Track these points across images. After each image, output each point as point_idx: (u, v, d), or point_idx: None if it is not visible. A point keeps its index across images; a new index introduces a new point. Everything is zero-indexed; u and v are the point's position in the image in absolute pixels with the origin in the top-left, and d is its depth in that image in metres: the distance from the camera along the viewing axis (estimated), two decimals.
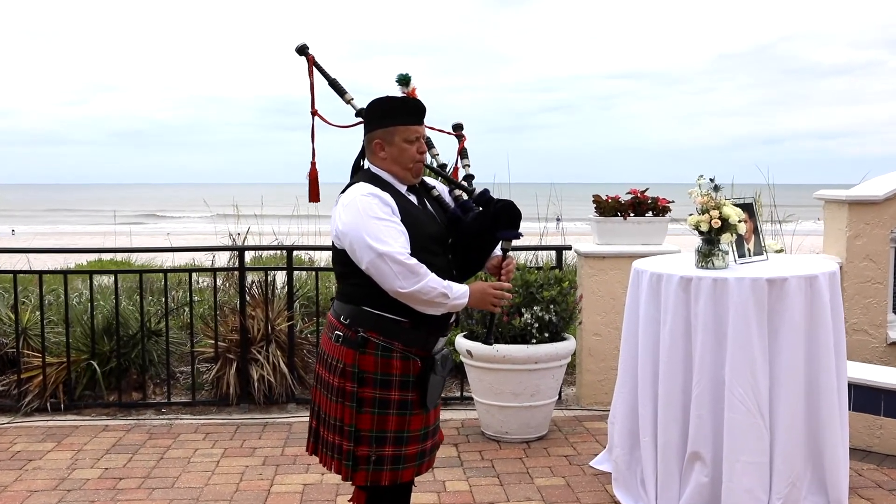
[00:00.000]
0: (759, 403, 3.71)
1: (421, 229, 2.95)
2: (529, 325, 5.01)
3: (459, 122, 3.45)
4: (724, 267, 4.00)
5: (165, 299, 6.10)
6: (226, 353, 5.94)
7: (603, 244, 5.88)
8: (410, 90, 3.19)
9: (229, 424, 5.56)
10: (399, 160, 3.00)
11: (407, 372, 2.99)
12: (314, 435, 3.15)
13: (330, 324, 3.07)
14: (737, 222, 3.98)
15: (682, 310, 3.88)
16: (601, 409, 5.73)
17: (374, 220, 2.85)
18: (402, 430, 3.01)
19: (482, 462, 4.81)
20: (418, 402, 3.02)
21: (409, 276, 2.82)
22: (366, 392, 2.96)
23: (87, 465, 4.80)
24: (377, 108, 3.02)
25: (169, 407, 5.90)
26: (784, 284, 3.74)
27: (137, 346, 6.01)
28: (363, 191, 2.92)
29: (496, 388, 5.06)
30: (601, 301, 5.82)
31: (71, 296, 6.95)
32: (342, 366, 2.98)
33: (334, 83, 3.29)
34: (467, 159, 3.41)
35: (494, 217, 3.03)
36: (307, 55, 3.28)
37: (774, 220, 8.29)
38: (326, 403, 3.05)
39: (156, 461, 4.86)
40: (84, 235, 26.25)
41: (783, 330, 3.75)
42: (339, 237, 2.93)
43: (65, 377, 5.83)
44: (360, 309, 2.97)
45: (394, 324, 2.95)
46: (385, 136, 2.99)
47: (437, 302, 2.88)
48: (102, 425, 5.55)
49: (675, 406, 3.89)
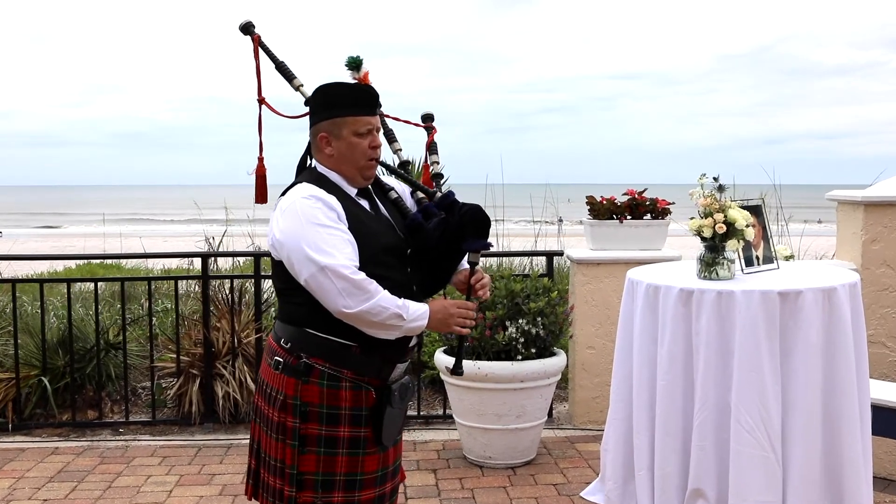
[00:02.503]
0: (770, 434, 3.24)
1: (373, 239, 2.51)
2: (514, 339, 4.55)
3: (429, 113, 3.01)
4: (729, 277, 3.54)
5: (123, 309, 5.64)
6: (189, 368, 5.49)
7: (597, 249, 5.43)
8: (363, 75, 2.75)
9: (190, 446, 5.11)
10: (348, 157, 2.56)
11: (358, 404, 2.55)
12: (254, 476, 2.70)
13: (270, 348, 2.63)
14: (744, 227, 3.52)
15: (681, 326, 3.42)
16: (596, 428, 5.26)
17: (316, 228, 2.41)
18: (353, 473, 2.57)
19: (461, 491, 4.35)
20: (373, 439, 2.58)
21: (356, 293, 2.38)
22: (310, 428, 2.52)
23: (25, 495, 4.35)
24: (322, 96, 2.58)
25: (127, 427, 5.45)
26: (798, 298, 3.28)
27: (93, 360, 5.56)
28: (304, 192, 2.48)
29: (478, 409, 4.60)
30: (595, 311, 5.36)
31: (28, 306, 6.52)
32: (282, 397, 2.54)
33: (282, 66, 2.89)
34: (437, 155, 2.97)
35: (459, 225, 2.58)
36: (252, 34, 2.86)
37: (780, 222, 7.84)
38: (266, 441, 2.62)
39: (102, 490, 4.40)
40: (65, 237, 25.78)
41: (797, 350, 3.28)
42: (276, 247, 2.50)
43: (14, 394, 5.38)
44: (302, 331, 2.53)
45: (342, 349, 2.51)
46: (331, 128, 2.55)
47: (390, 324, 2.44)
48: (52, 448, 5.09)
49: (673, 436, 3.43)
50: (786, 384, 3.29)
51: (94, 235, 15.46)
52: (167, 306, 7.00)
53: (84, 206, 54.93)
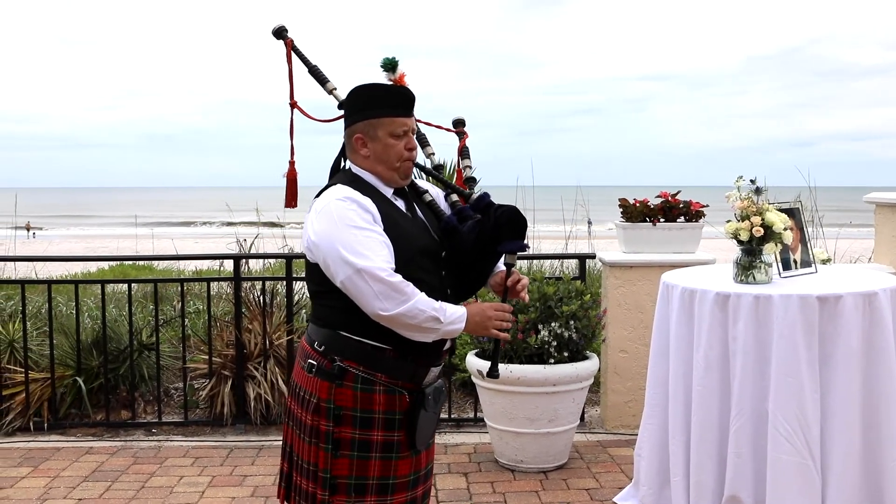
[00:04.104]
0: (809, 441, 3.19)
1: (408, 241, 2.50)
2: (547, 343, 4.52)
3: (461, 118, 2.98)
4: (766, 281, 3.49)
5: (156, 311, 5.68)
6: (220, 370, 5.51)
7: (630, 252, 5.38)
8: (398, 77, 2.73)
9: (222, 447, 5.12)
10: (384, 158, 2.55)
11: (392, 408, 2.53)
12: (286, 480, 2.70)
13: (303, 351, 2.62)
14: (782, 230, 3.47)
15: (718, 331, 3.38)
16: (628, 433, 5.22)
17: (352, 230, 2.40)
18: (386, 476, 2.55)
19: (493, 495, 4.33)
20: (406, 443, 2.56)
21: (393, 296, 2.36)
22: (343, 432, 2.51)
23: (60, 494, 4.38)
24: (358, 98, 2.57)
25: (159, 427, 5.48)
26: (838, 303, 3.23)
27: (127, 361, 5.60)
28: (339, 194, 2.47)
29: (510, 413, 4.57)
30: (628, 314, 5.31)
31: (63, 307, 6.59)
32: (316, 401, 2.53)
33: (315, 70, 2.88)
34: (468, 159, 2.95)
35: (495, 226, 2.56)
36: (285, 38, 2.86)
37: (815, 225, 7.72)
38: (299, 444, 2.60)
39: (135, 491, 4.43)
40: (97, 239, 26.03)
41: (837, 356, 3.23)
42: (311, 249, 2.49)
43: (49, 394, 5.43)
44: (336, 334, 2.51)
45: (376, 352, 2.50)
46: (367, 129, 2.54)
47: (427, 327, 2.42)
48: (87, 447, 5.13)
49: (709, 442, 3.39)
50: (825, 391, 3.23)
51: (126, 237, 15.58)
52: (198, 308, 7.04)
53: (116, 207, 55.46)
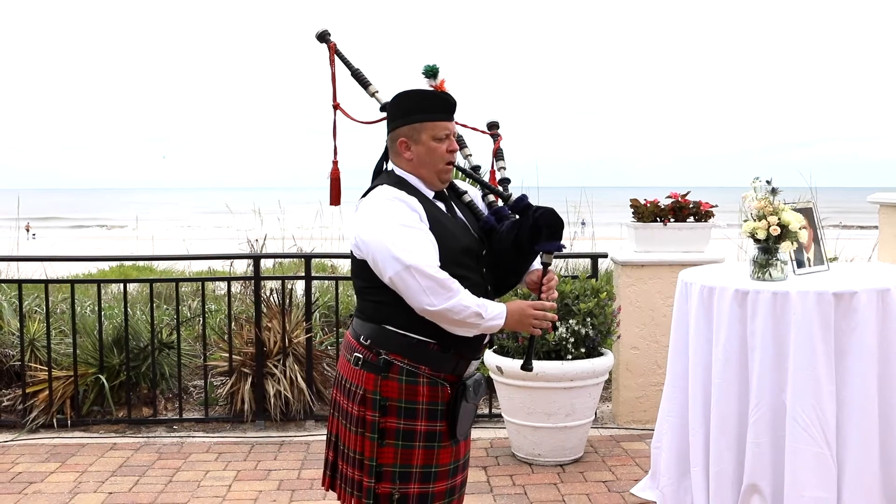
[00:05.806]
0: (826, 432, 3.33)
1: (451, 240, 2.62)
2: (564, 339, 4.65)
3: (495, 121, 3.10)
4: (782, 279, 3.63)
5: (177, 310, 5.78)
6: (240, 367, 5.62)
7: (641, 252, 5.51)
8: (439, 83, 2.84)
9: (243, 443, 5.23)
10: (427, 161, 2.67)
11: (435, 399, 2.65)
12: (331, 468, 2.82)
13: (348, 345, 2.74)
14: (797, 229, 3.61)
15: (737, 326, 3.51)
16: (639, 427, 5.35)
17: (401, 228, 2.52)
18: (429, 465, 2.67)
19: (513, 488, 4.45)
20: (447, 433, 2.69)
21: (440, 291, 2.48)
22: (388, 422, 2.63)
23: (90, 488, 4.49)
24: (402, 103, 2.69)
25: (181, 424, 5.59)
26: (853, 299, 3.37)
27: (148, 358, 5.71)
28: (388, 195, 2.59)
29: (528, 408, 4.70)
30: (640, 312, 5.44)
31: (84, 305, 6.69)
32: (362, 392, 2.65)
33: (357, 73, 2.98)
34: (503, 161, 3.06)
35: (533, 227, 2.68)
36: (328, 42, 2.96)
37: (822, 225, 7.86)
38: (345, 434, 2.72)
39: (164, 485, 4.54)
40: (104, 240, 26.08)
41: (852, 350, 3.37)
42: (360, 247, 2.60)
43: (72, 392, 5.54)
44: (381, 328, 2.63)
45: (420, 345, 2.61)
46: (411, 133, 2.66)
47: (470, 322, 2.54)
48: (110, 443, 5.23)
49: (729, 433, 3.52)
50: (840, 383, 3.37)
51: (143, 238, 15.74)
52: (211, 307, 7.13)
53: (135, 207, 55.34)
